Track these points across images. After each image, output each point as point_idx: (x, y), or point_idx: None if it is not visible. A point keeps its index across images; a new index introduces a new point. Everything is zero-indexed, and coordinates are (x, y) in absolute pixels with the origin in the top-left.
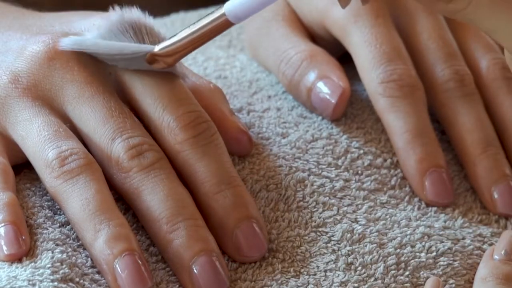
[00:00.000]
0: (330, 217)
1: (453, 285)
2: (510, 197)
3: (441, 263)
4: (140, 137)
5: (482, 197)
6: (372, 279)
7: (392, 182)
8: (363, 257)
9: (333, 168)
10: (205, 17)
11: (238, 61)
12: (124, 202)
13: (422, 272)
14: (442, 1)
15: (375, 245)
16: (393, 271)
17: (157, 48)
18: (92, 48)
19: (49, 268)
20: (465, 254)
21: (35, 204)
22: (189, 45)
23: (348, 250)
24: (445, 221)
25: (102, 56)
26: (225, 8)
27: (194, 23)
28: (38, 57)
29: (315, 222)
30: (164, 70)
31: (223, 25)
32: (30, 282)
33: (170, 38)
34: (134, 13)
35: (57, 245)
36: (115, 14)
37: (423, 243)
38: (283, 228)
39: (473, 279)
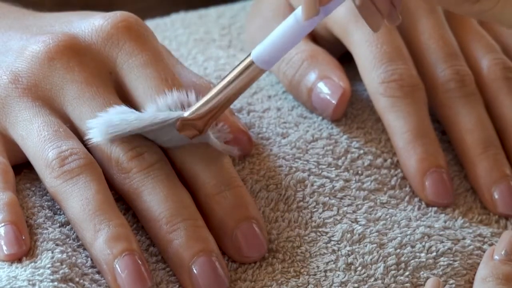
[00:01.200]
0: (330, 217)
1: (453, 285)
2: (510, 197)
3: (441, 263)
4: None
5: (482, 197)
6: (372, 279)
7: (392, 182)
8: (363, 257)
9: (333, 168)
10: (233, 70)
11: (238, 61)
12: (124, 202)
13: (422, 272)
14: (468, 2)
15: (375, 245)
16: (393, 271)
17: (187, 113)
18: (122, 126)
19: (49, 268)
20: (465, 254)
21: (35, 204)
22: (221, 104)
23: (348, 250)
24: (445, 221)
25: (132, 131)
26: (253, 55)
27: (223, 78)
28: (38, 57)
29: (315, 222)
30: (197, 139)
31: (255, 75)
32: (30, 282)
33: (200, 100)
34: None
35: (57, 245)
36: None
37: (423, 243)
38: (283, 228)
39: (473, 279)
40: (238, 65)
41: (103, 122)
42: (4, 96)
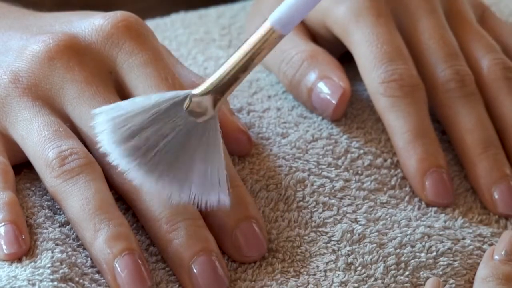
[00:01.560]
0: (330, 217)
1: (453, 285)
2: (510, 197)
3: (441, 263)
4: None
5: (482, 197)
6: (372, 279)
7: (392, 182)
8: (363, 257)
9: (333, 168)
10: (247, 40)
11: None
12: (124, 202)
13: (422, 272)
14: None
15: (375, 245)
16: (393, 271)
17: (196, 90)
18: (128, 107)
19: (49, 267)
20: (465, 254)
21: (35, 203)
22: (233, 78)
23: (348, 250)
24: (445, 221)
25: (139, 121)
26: (271, 20)
27: (236, 50)
28: (38, 57)
29: (315, 222)
30: (204, 124)
31: (273, 42)
32: (30, 282)
33: (211, 77)
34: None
35: (57, 244)
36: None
37: (423, 243)
38: (283, 228)
39: (473, 279)
40: (252, 35)
41: (112, 108)
42: (4, 95)
